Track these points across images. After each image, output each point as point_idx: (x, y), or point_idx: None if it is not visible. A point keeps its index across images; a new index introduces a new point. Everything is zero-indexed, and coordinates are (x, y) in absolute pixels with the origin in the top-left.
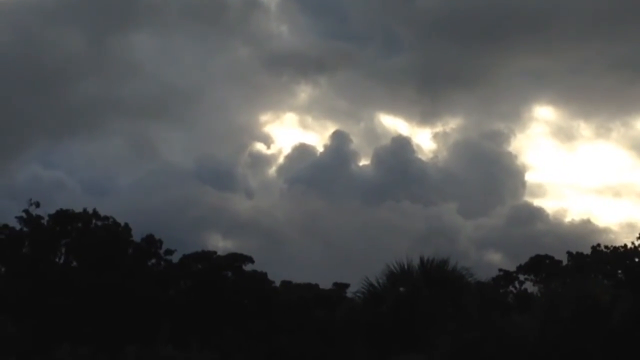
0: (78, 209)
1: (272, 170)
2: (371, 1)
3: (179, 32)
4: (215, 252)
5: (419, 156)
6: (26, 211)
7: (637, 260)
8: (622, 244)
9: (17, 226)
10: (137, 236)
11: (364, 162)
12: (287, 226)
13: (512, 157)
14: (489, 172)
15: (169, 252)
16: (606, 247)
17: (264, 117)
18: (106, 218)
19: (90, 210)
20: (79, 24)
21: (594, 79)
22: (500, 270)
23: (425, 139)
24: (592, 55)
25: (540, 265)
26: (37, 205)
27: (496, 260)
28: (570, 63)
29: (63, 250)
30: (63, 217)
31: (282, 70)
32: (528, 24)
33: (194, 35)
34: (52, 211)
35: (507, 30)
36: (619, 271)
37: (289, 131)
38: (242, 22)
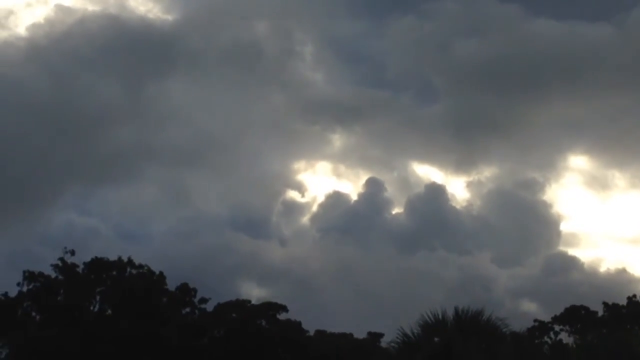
0: (112, 256)
1: (306, 218)
2: (407, 50)
3: (215, 79)
4: (249, 301)
5: (453, 204)
6: (61, 259)
7: None
8: None
9: (53, 274)
10: (171, 283)
11: (397, 210)
12: (321, 274)
13: (546, 206)
14: (523, 221)
15: (204, 300)
16: None
17: (298, 165)
18: (141, 266)
19: (125, 258)
20: (116, 71)
21: (629, 129)
22: (535, 320)
23: (459, 188)
24: (627, 105)
25: (575, 316)
26: (72, 253)
27: (531, 309)
28: (604, 112)
29: (98, 298)
30: (98, 265)
31: (317, 118)
32: (564, 73)
33: (229, 83)
34: (87, 259)
35: (543, 80)
36: None
37: (323, 179)
38: (277, 70)
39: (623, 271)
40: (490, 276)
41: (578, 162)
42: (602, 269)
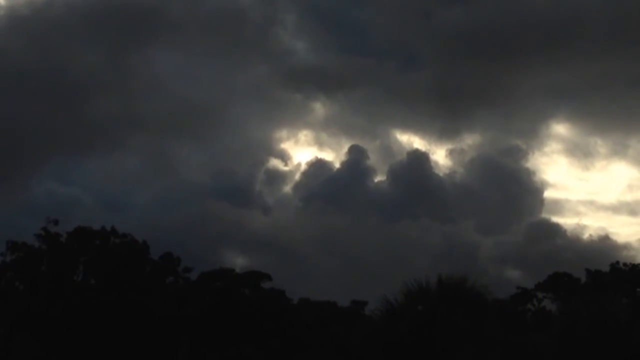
0: (95, 225)
1: (289, 187)
2: (390, 18)
3: (197, 48)
4: (233, 270)
5: (436, 172)
6: (44, 229)
7: None
8: None
9: (36, 244)
10: (154, 253)
11: (380, 178)
12: (305, 243)
13: (529, 173)
14: (506, 189)
15: (187, 269)
16: (625, 264)
17: (280, 134)
18: (124, 235)
19: (108, 228)
20: (99, 39)
21: (611, 97)
22: (518, 287)
23: (442, 155)
24: (609, 72)
25: (558, 283)
26: (56, 222)
27: (515, 276)
28: (588, 80)
29: (81, 267)
30: (81, 234)
31: (300, 86)
32: (547, 41)
33: (212, 51)
34: (70, 228)
35: (526, 47)
36: (638, 289)
37: (306, 147)
38: (260, 38)
39: (605, 238)
40: (473, 243)
41: (560, 130)
42: (585, 236)
